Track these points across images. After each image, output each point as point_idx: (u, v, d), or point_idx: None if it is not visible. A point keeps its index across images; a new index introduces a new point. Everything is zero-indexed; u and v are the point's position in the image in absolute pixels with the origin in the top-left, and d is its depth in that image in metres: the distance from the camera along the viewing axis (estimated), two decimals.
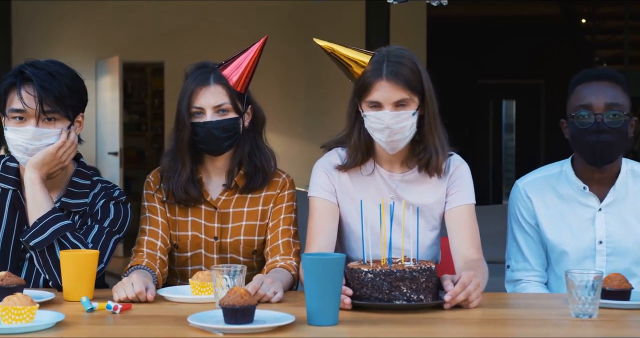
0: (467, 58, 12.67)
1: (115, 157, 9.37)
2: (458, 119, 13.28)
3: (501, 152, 14.39)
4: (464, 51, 12.55)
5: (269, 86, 9.42)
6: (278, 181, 2.63)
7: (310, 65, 9.38)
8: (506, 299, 2.31)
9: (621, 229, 2.58)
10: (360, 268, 2.11)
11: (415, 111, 2.43)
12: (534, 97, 13.24)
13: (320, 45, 2.54)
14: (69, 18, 9.54)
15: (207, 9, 9.32)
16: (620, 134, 2.52)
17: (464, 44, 12.38)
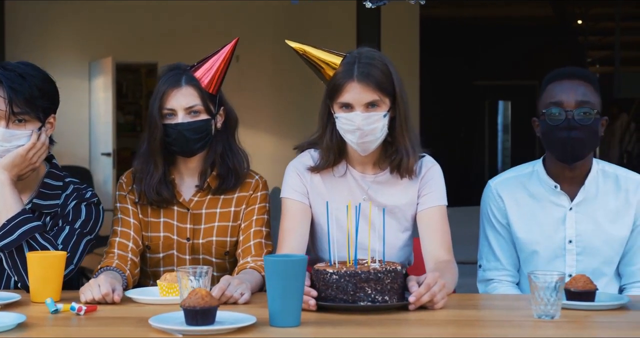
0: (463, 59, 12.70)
1: (108, 157, 9.38)
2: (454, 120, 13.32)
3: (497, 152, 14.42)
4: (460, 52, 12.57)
5: (261, 86, 9.44)
6: (251, 182, 2.64)
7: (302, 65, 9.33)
8: (473, 300, 2.31)
9: (591, 228, 2.60)
10: (326, 269, 2.11)
11: (387, 113, 2.44)
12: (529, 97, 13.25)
13: (292, 47, 2.54)
14: (62, 19, 9.56)
15: (200, 9, 9.34)
16: (591, 132, 2.54)
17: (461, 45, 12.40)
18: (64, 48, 9.61)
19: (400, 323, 1.98)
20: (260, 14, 9.35)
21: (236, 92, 9.34)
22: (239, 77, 9.05)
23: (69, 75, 9.39)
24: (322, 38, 9.22)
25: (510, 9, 10.68)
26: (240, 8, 9.39)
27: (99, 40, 9.60)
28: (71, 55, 9.59)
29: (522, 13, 10.75)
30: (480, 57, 12.71)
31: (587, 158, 2.61)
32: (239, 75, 9.07)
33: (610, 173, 2.65)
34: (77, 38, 9.64)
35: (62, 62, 9.44)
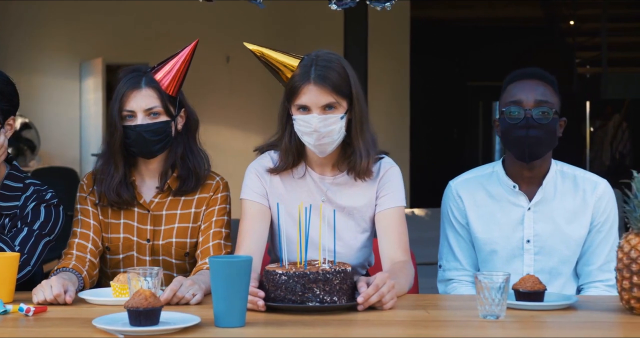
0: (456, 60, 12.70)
1: None
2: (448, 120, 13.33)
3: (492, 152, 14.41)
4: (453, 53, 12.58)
5: (251, 87, 9.45)
6: (212, 184, 2.66)
7: None
8: (425, 300, 2.32)
9: (549, 228, 2.61)
10: (275, 270, 2.13)
11: (344, 115, 2.45)
12: None
13: (250, 49, 2.56)
14: (53, 19, 9.57)
15: (191, 11, 9.34)
16: (549, 131, 2.56)
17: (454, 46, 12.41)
18: (55, 49, 9.62)
19: (347, 323, 1.99)
20: (249, 15, 9.36)
21: (226, 93, 9.42)
22: (229, 78, 9.07)
23: (59, 76, 9.42)
24: (311, 38, 9.28)
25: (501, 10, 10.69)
26: (230, 9, 9.40)
27: (90, 41, 9.61)
28: (62, 56, 9.60)
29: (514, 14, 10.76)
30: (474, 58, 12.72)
31: (545, 158, 2.63)
32: (229, 76, 9.09)
33: (568, 174, 2.67)
34: (68, 39, 9.66)
35: (53, 63, 9.46)
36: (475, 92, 13.56)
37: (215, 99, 9.03)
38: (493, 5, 10.42)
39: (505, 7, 10.51)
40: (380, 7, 3.05)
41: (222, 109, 9.21)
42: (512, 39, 11.71)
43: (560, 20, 9.83)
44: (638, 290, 2.03)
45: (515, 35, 11.62)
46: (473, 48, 12.50)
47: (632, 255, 2.04)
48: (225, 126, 9.11)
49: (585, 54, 9.72)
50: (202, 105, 8.54)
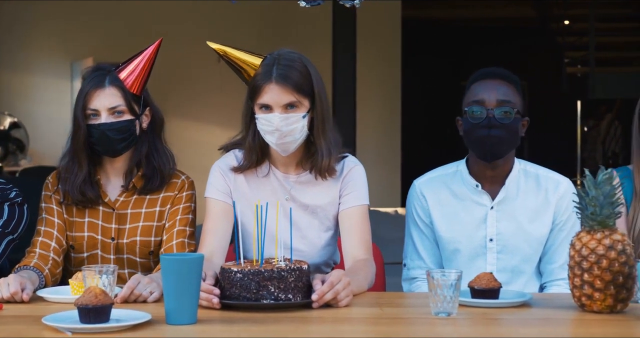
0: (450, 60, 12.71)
1: None
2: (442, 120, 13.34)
3: None
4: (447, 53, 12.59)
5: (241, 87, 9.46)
6: (177, 182, 2.67)
7: None
8: (382, 298, 2.33)
9: (511, 227, 2.62)
10: (231, 268, 2.14)
11: (306, 114, 2.46)
12: None
13: (212, 48, 2.57)
14: (45, 19, 9.57)
15: (182, 11, 9.35)
16: (510, 130, 2.57)
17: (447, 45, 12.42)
18: (46, 48, 9.62)
19: (301, 320, 2.00)
20: (240, 15, 9.37)
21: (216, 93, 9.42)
22: (220, 78, 9.07)
23: (51, 76, 9.42)
24: (303, 39, 9.29)
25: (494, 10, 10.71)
26: (221, 9, 9.41)
27: (81, 41, 9.61)
28: (53, 55, 9.60)
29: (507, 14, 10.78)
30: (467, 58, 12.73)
31: (508, 157, 2.64)
32: (220, 76, 9.10)
33: (531, 173, 2.68)
34: (59, 39, 9.66)
35: (44, 63, 9.46)
36: None
37: (206, 98, 9.04)
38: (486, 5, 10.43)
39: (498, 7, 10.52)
40: (349, 4, 3.06)
41: (213, 109, 9.22)
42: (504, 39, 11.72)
43: (551, 20, 9.85)
44: (589, 288, 2.05)
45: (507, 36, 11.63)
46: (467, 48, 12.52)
47: (583, 253, 2.06)
48: (216, 125, 9.12)
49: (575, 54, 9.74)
50: (193, 104, 8.60)
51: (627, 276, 2.03)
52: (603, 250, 2.03)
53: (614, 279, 2.03)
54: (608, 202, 2.05)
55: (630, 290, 2.05)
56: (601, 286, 2.03)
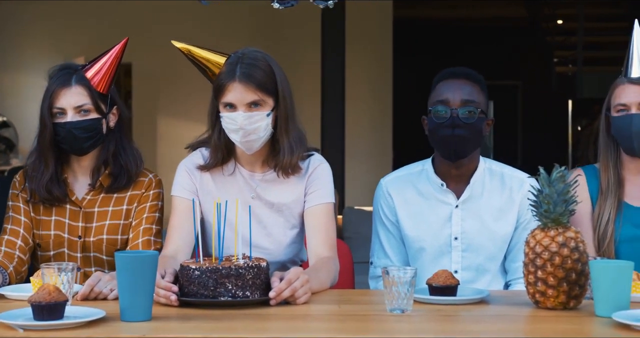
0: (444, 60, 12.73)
1: None
2: None
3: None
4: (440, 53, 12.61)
5: None
6: (144, 181, 2.69)
7: None
8: (343, 296, 2.34)
9: (476, 226, 2.64)
10: (189, 265, 2.15)
11: (270, 112, 2.48)
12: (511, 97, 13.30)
13: (177, 47, 2.59)
14: (37, 19, 9.60)
15: (174, 10, 9.37)
16: (474, 130, 2.59)
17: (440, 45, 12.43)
18: (39, 48, 9.65)
19: (256, 317, 2.01)
20: (234, 15, 9.39)
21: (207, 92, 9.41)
22: None
23: (42, 75, 9.42)
24: (293, 38, 9.30)
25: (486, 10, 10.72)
26: (215, 9, 9.43)
27: (72, 41, 9.64)
28: (46, 55, 9.62)
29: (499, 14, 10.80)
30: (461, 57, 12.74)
31: (472, 156, 2.66)
32: None
33: (496, 172, 2.70)
34: (51, 38, 9.69)
35: (37, 62, 9.48)
36: None
37: (198, 98, 9.05)
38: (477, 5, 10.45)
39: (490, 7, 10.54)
40: (322, 5, 3.07)
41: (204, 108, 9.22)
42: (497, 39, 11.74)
43: (541, 20, 9.87)
44: (542, 284, 2.06)
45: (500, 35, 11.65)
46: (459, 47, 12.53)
47: (537, 250, 2.07)
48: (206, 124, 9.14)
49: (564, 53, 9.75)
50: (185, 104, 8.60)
51: (580, 273, 2.05)
52: (556, 248, 2.05)
53: (566, 276, 2.04)
54: (561, 200, 2.07)
55: (583, 287, 2.06)
56: (554, 283, 2.05)
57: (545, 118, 11.52)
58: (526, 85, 12.24)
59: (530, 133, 12.00)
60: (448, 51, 12.56)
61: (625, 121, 2.67)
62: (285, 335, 1.86)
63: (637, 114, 2.66)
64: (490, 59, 12.14)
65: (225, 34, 9.28)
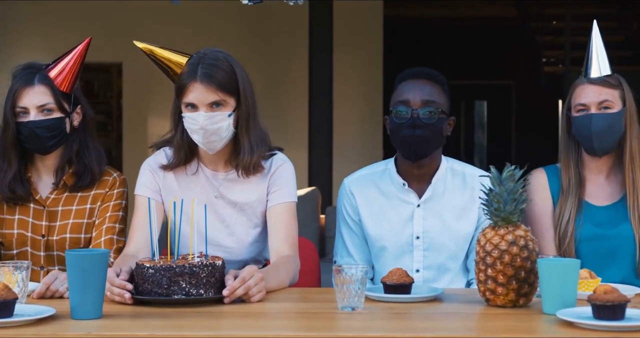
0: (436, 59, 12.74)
1: None
2: None
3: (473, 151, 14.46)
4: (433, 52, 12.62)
5: None
6: (108, 180, 2.70)
7: (265, 67, 9.44)
8: (300, 294, 2.36)
9: (437, 225, 2.66)
10: (143, 263, 2.17)
11: (232, 112, 2.49)
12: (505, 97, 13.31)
13: (139, 47, 2.60)
14: (29, 19, 9.62)
15: (164, 10, 9.38)
16: (435, 130, 2.60)
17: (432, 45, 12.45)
18: (30, 48, 9.65)
19: (208, 315, 2.02)
20: (224, 16, 9.40)
21: None
22: None
23: None
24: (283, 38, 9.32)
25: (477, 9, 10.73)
26: (205, 8, 9.44)
27: (62, 41, 9.60)
28: (37, 55, 9.55)
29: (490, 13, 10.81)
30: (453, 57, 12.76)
31: (434, 157, 2.67)
32: None
33: (458, 171, 2.71)
34: (42, 38, 9.70)
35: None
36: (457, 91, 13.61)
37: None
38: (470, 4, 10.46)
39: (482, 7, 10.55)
40: (292, 3, 3.09)
41: None
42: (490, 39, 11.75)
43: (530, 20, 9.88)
44: (492, 282, 2.08)
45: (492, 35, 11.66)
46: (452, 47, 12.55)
47: (487, 248, 2.09)
48: None
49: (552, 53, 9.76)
50: None
51: (529, 271, 2.06)
52: (505, 246, 2.06)
53: (516, 274, 2.06)
54: (511, 199, 2.08)
55: (532, 285, 2.08)
56: (504, 281, 2.06)
57: (538, 118, 11.53)
58: (519, 85, 12.25)
59: (523, 133, 12.01)
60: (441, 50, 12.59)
61: (585, 121, 2.68)
62: (235, 333, 1.87)
63: (597, 114, 2.67)
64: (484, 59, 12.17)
65: (215, 34, 9.30)
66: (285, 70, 9.44)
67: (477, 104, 14.46)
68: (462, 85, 13.49)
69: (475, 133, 14.51)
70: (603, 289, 1.84)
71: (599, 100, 2.69)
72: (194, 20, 9.37)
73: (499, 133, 13.40)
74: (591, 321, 1.83)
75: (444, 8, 10.92)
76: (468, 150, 14.36)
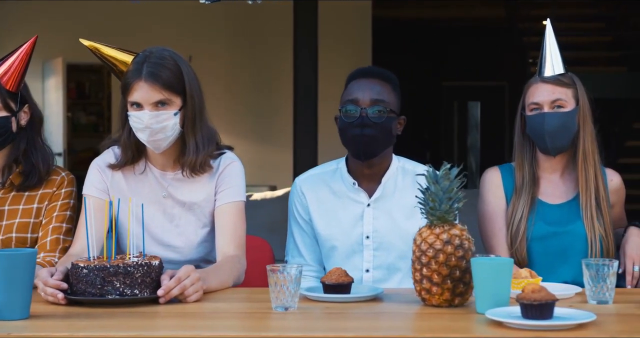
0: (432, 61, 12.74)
1: (59, 157, 9.44)
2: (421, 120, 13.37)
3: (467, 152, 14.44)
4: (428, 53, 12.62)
5: (213, 87, 9.47)
6: (56, 179, 2.68)
7: (255, 66, 9.43)
8: (239, 293, 2.33)
9: (387, 224, 2.63)
10: (78, 264, 2.15)
11: (178, 111, 2.47)
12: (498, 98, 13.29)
13: (85, 45, 2.58)
14: (17, 19, 9.61)
15: (152, 10, 9.38)
16: (383, 129, 2.58)
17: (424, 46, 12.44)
18: None
19: (141, 315, 2.00)
20: (213, 15, 9.39)
21: None
22: None
23: None
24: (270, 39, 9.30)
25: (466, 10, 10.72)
26: (193, 9, 9.43)
27: (52, 42, 9.64)
28: None
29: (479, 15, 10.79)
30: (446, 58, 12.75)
31: (384, 156, 2.65)
32: None
33: (409, 171, 2.69)
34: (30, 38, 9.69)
35: None
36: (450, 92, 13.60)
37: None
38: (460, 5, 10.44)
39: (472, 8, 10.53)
40: (251, 2, 3.08)
41: None
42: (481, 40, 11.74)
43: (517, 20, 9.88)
44: (427, 282, 2.05)
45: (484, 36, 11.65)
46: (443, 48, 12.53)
47: (423, 248, 2.07)
48: None
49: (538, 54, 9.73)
50: None
51: (464, 270, 2.04)
52: (440, 245, 2.04)
53: (450, 273, 2.03)
54: (446, 198, 2.06)
55: (468, 284, 2.05)
56: (438, 280, 2.04)
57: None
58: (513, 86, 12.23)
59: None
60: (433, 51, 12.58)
61: (538, 120, 2.67)
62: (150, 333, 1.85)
63: (550, 113, 2.66)
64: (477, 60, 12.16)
65: (202, 34, 9.28)
66: (272, 70, 9.43)
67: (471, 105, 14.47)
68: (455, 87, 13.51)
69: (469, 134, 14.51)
70: (531, 288, 1.82)
71: (552, 99, 2.68)
72: (182, 22, 9.36)
73: (493, 134, 13.38)
74: (519, 320, 1.81)
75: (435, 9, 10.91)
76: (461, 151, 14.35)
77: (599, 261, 2.09)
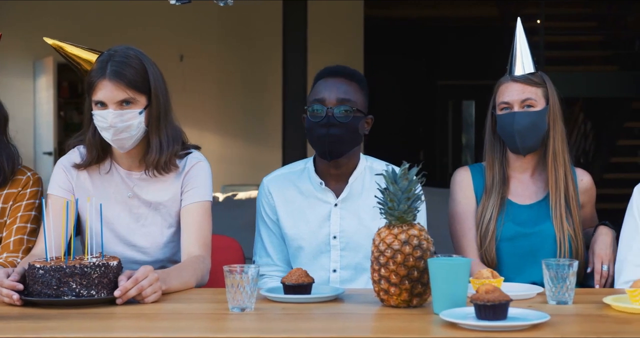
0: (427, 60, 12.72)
1: (50, 156, 9.43)
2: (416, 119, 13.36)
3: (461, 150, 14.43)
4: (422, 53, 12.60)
5: (204, 86, 9.46)
6: (21, 179, 2.66)
7: (247, 65, 9.41)
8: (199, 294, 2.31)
9: (354, 224, 2.61)
10: (34, 264, 2.13)
11: (143, 110, 2.45)
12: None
13: (49, 44, 2.57)
14: (8, 18, 9.59)
15: (143, 9, 9.36)
16: (350, 129, 2.56)
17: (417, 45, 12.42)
18: (10, 47, 9.63)
19: (100, 316, 1.98)
20: (205, 15, 9.37)
21: (179, 92, 9.41)
22: (182, 77, 9.07)
23: (14, 75, 9.44)
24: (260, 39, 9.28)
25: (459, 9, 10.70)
26: (185, 8, 9.39)
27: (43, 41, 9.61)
28: (16, 54, 9.61)
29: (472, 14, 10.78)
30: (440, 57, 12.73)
31: (351, 156, 2.62)
32: (182, 75, 9.10)
33: (377, 171, 2.66)
34: (22, 37, 9.67)
35: (7, 62, 9.47)
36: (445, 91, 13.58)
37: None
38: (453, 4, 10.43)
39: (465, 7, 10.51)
40: (222, 4, 3.05)
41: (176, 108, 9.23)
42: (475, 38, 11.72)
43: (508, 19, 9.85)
44: (385, 282, 2.03)
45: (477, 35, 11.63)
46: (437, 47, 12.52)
47: (381, 248, 2.05)
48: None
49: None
50: None
51: (422, 271, 2.02)
52: (398, 245, 2.02)
53: (408, 274, 2.01)
54: (405, 198, 2.04)
55: (426, 284, 2.03)
56: (396, 281, 2.02)
57: None
58: None
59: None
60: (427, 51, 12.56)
61: (508, 119, 2.65)
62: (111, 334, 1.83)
63: (520, 112, 2.64)
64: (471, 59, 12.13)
65: (193, 35, 9.26)
66: (263, 70, 9.41)
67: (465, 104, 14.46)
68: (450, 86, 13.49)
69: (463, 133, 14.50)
70: (485, 289, 1.80)
71: (522, 98, 2.66)
72: (173, 22, 9.34)
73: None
74: (473, 321, 1.79)
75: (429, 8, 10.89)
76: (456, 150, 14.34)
77: (559, 261, 2.07)
